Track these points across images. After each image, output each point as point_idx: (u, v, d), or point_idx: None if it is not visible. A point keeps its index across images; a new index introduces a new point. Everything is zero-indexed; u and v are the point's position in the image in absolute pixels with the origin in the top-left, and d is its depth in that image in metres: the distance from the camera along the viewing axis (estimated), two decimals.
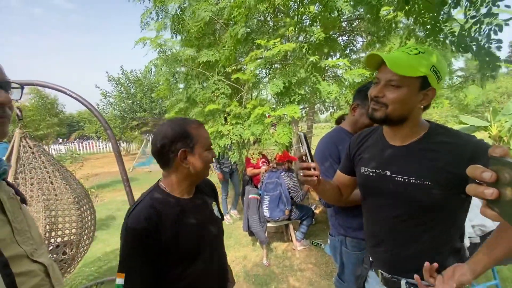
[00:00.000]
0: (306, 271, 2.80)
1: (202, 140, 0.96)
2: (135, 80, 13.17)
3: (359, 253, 1.40)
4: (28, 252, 0.64)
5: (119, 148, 2.22)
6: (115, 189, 6.87)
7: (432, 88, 0.86)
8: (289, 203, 3.09)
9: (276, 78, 2.41)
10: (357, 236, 1.39)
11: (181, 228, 0.93)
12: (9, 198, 0.66)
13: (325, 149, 1.47)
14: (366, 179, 1.00)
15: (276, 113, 2.39)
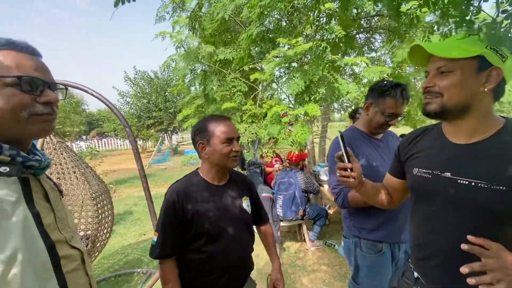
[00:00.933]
0: (319, 272, 2.77)
1: (218, 134, 1.09)
2: (149, 80, 13.47)
3: (374, 256, 1.37)
4: (67, 238, 0.69)
5: (137, 145, 2.28)
6: (132, 185, 7.07)
7: (496, 67, 0.72)
8: (303, 204, 3.07)
9: (297, 77, 2.39)
10: (372, 238, 1.37)
11: (204, 207, 1.09)
12: (51, 188, 0.72)
13: (339, 148, 1.45)
14: (419, 181, 0.88)
15: (294, 111, 2.37)
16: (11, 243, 0.54)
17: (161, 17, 3.21)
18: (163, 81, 13.37)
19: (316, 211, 3.19)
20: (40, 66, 0.63)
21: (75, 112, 13.10)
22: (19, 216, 0.58)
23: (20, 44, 0.61)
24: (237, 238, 1.14)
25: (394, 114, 1.33)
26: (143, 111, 13.12)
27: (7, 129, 0.59)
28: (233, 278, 1.15)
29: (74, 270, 0.68)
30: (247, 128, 2.69)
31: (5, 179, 0.58)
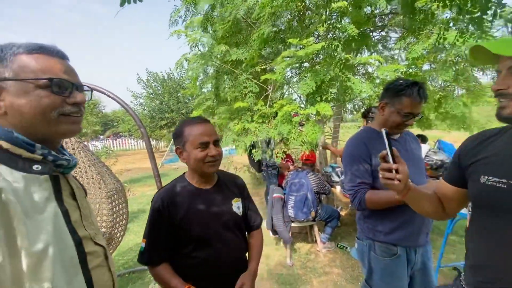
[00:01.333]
0: (330, 274, 2.74)
1: (192, 138, 1.05)
2: (162, 81, 13.72)
3: (388, 259, 1.34)
4: (92, 235, 0.71)
5: (151, 145, 2.33)
6: (145, 184, 7.23)
7: None
8: (315, 205, 3.04)
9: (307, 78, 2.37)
10: (387, 241, 1.34)
11: (191, 212, 1.06)
12: (77, 187, 0.75)
13: (354, 149, 1.42)
14: (488, 192, 0.76)
15: (305, 111, 2.34)
16: (43, 237, 0.57)
17: (174, 21, 3.28)
18: (175, 82, 13.60)
19: (328, 212, 3.15)
20: (69, 69, 0.66)
21: (92, 113, 13.53)
22: (50, 212, 0.61)
23: (50, 48, 0.64)
24: (227, 241, 1.12)
25: (410, 114, 1.29)
26: (156, 112, 13.38)
27: (39, 129, 0.62)
28: (227, 281, 1.11)
29: (98, 266, 0.70)
30: (257, 128, 2.69)
31: (37, 177, 0.61)
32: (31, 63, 0.60)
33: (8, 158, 0.58)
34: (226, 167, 6.86)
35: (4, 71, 0.59)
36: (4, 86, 0.59)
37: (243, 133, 2.81)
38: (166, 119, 13.20)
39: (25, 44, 0.62)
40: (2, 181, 0.54)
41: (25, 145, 0.60)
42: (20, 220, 0.53)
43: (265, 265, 2.94)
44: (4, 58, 0.60)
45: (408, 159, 1.34)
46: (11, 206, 0.53)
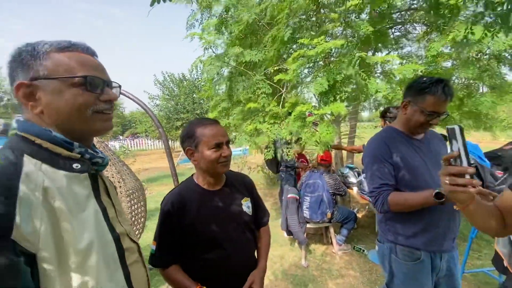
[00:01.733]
0: (347, 277, 2.69)
1: (206, 139, 1.03)
2: (178, 82, 14.00)
3: (411, 263, 1.29)
4: (127, 231, 0.72)
5: (169, 145, 2.39)
6: (162, 183, 7.41)
7: None
8: (331, 206, 3.00)
9: (320, 77, 2.35)
10: (410, 244, 1.29)
11: (200, 214, 1.06)
12: (109, 185, 0.75)
13: (375, 149, 1.37)
14: None
15: (319, 111, 2.32)
16: (87, 235, 0.57)
17: (191, 25, 3.34)
18: (191, 83, 13.85)
19: (344, 214, 3.10)
20: (99, 66, 0.66)
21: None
22: (91, 209, 0.61)
23: (81, 46, 0.64)
24: (238, 242, 1.11)
25: (435, 113, 1.23)
26: (171, 113, 13.68)
27: (74, 126, 0.62)
28: (238, 281, 1.11)
29: (135, 262, 0.71)
30: (269, 129, 2.69)
31: (78, 175, 0.61)
32: (65, 61, 0.60)
33: (49, 157, 0.58)
34: (240, 167, 6.91)
35: (39, 70, 0.58)
36: (39, 85, 0.58)
37: (255, 134, 2.81)
38: (182, 120, 13.46)
39: (56, 42, 0.61)
40: (47, 181, 0.54)
41: (64, 143, 0.60)
42: (66, 218, 0.54)
43: (279, 265, 2.94)
44: (37, 56, 0.58)
45: (433, 161, 1.30)
46: (57, 205, 0.54)
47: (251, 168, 6.61)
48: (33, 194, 0.50)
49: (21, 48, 0.59)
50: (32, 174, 0.52)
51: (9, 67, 0.60)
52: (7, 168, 0.51)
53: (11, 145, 0.56)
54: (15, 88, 0.57)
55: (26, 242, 0.47)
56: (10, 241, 0.45)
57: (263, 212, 1.31)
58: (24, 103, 0.59)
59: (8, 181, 0.49)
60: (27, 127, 0.59)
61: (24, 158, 0.54)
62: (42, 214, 0.50)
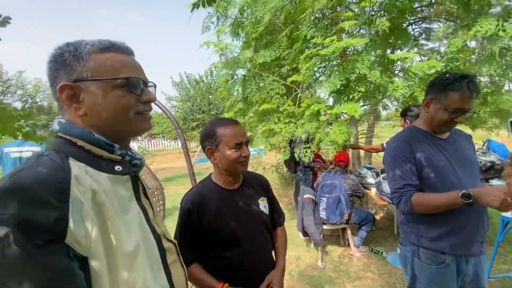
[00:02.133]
0: (365, 279, 2.64)
1: (226, 139, 1.05)
2: (195, 83, 14.26)
3: (434, 267, 1.24)
4: (164, 231, 0.71)
5: (187, 145, 2.45)
6: (178, 183, 7.57)
7: None
8: (349, 207, 2.95)
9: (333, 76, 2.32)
10: (434, 248, 1.24)
11: (220, 213, 1.07)
12: (146, 186, 0.75)
13: (397, 149, 1.33)
14: None
15: (333, 111, 2.29)
16: (133, 237, 0.57)
17: (207, 27, 3.40)
18: (207, 85, 14.08)
19: (362, 215, 3.04)
20: (138, 66, 0.65)
21: None
22: (134, 211, 0.61)
23: (121, 46, 0.62)
24: (256, 241, 1.12)
25: (460, 110, 1.17)
26: (187, 114, 13.96)
27: (117, 128, 0.61)
28: (256, 280, 1.13)
29: (174, 262, 0.70)
30: (284, 128, 2.68)
31: (120, 177, 0.61)
32: (107, 62, 0.58)
33: (92, 159, 0.57)
34: (254, 167, 6.94)
35: (82, 71, 0.56)
36: (83, 86, 0.57)
37: (270, 134, 2.82)
38: (197, 120, 13.69)
39: (97, 41, 0.60)
40: (94, 183, 0.54)
41: (106, 146, 0.59)
42: (113, 221, 0.54)
43: (295, 266, 2.93)
44: (80, 57, 0.57)
45: (458, 161, 1.25)
46: (104, 207, 0.53)
47: (265, 168, 6.62)
48: (83, 197, 0.50)
49: (63, 48, 0.58)
50: (80, 177, 0.52)
51: (49, 67, 0.58)
52: (57, 171, 0.50)
53: (56, 148, 0.56)
54: (58, 89, 0.56)
55: (79, 246, 0.47)
56: (64, 245, 0.45)
57: (279, 212, 1.32)
58: (67, 105, 0.58)
59: (60, 185, 0.48)
60: (69, 128, 0.58)
61: (70, 161, 0.54)
62: (92, 217, 0.50)
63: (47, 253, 0.43)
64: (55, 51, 0.58)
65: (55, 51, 0.58)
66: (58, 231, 0.45)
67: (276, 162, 6.50)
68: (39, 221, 0.43)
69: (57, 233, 0.45)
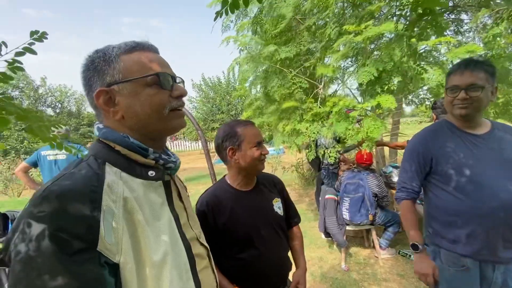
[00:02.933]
0: (392, 282, 2.52)
1: (248, 138, 1.08)
2: (214, 85, 14.51)
3: (453, 270, 1.18)
4: (197, 235, 0.70)
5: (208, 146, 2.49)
6: (199, 182, 7.72)
7: None
8: (373, 207, 2.83)
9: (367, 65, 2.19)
10: (454, 250, 1.17)
11: (235, 215, 1.08)
12: (181, 186, 0.74)
13: (411, 143, 1.31)
14: None
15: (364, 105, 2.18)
16: (162, 245, 0.56)
17: (226, 26, 3.42)
18: (226, 85, 14.29)
19: (388, 216, 2.91)
20: (165, 62, 0.64)
21: None
22: (166, 218, 0.60)
23: (145, 44, 0.62)
24: (270, 241, 1.13)
25: (455, 86, 1.15)
26: (207, 115, 14.23)
27: (153, 127, 0.61)
28: (272, 280, 1.14)
29: (204, 268, 0.68)
30: (308, 128, 2.62)
31: (153, 183, 0.60)
32: (135, 61, 0.59)
33: (127, 164, 0.58)
34: (274, 167, 6.90)
35: (113, 74, 0.57)
36: (117, 89, 0.57)
37: (294, 134, 2.77)
38: (217, 121, 13.92)
39: (123, 44, 0.60)
40: (127, 190, 0.54)
41: (140, 150, 0.59)
42: (143, 229, 0.53)
43: (318, 268, 2.87)
44: (110, 60, 0.57)
45: (493, 160, 1.14)
46: (135, 215, 0.53)
47: (285, 168, 6.57)
48: (114, 205, 0.51)
49: (92, 55, 0.59)
50: (113, 185, 0.53)
51: (84, 76, 0.60)
52: (91, 179, 0.51)
53: (95, 153, 0.58)
54: (95, 96, 0.57)
55: (110, 253, 0.47)
56: (96, 252, 0.46)
57: (294, 212, 1.33)
58: (105, 110, 0.59)
59: (93, 193, 0.49)
60: (106, 133, 0.59)
61: (106, 167, 0.55)
62: (123, 225, 0.51)
63: (79, 261, 0.44)
64: (86, 60, 0.59)
65: (86, 60, 0.59)
66: (90, 239, 0.46)
67: (296, 161, 6.41)
68: (71, 230, 0.44)
69: (89, 241, 0.45)
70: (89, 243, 0.45)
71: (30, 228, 0.43)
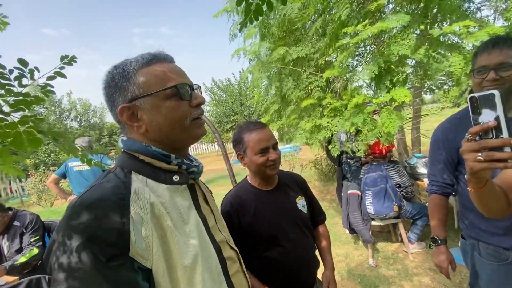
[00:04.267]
0: (425, 277, 2.42)
1: (252, 145, 1.07)
2: (225, 87, 14.65)
3: (496, 264, 1.10)
4: (226, 238, 0.70)
5: (225, 148, 2.51)
6: (218, 184, 7.82)
7: None
8: (398, 198, 2.73)
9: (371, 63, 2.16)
10: (495, 243, 1.10)
11: (259, 214, 1.09)
12: (206, 191, 0.75)
13: (436, 132, 1.25)
14: None
15: (378, 99, 2.13)
16: (192, 249, 0.56)
17: (234, 34, 3.43)
18: (239, 86, 14.40)
19: (415, 208, 2.79)
20: (181, 71, 0.64)
21: None
22: (193, 221, 0.60)
23: (161, 55, 0.62)
24: (296, 240, 1.12)
25: (483, 67, 1.05)
26: (221, 117, 14.40)
27: (176, 138, 0.62)
28: (300, 279, 1.13)
29: (236, 272, 0.68)
30: (330, 122, 2.57)
31: (178, 187, 0.62)
32: (153, 75, 0.59)
33: (152, 172, 0.59)
34: (291, 164, 6.84)
35: (134, 89, 0.58)
36: (139, 104, 0.58)
37: (316, 130, 2.73)
38: (231, 123, 14.05)
39: (139, 57, 0.61)
40: (153, 196, 0.55)
41: (163, 157, 0.60)
42: (172, 232, 0.54)
43: (344, 265, 2.81)
44: (129, 76, 0.58)
45: None
46: (163, 220, 0.54)
47: (302, 165, 6.49)
48: (142, 211, 0.52)
49: (112, 72, 0.60)
50: (140, 191, 0.54)
51: (106, 93, 0.61)
52: (118, 188, 0.53)
53: (121, 163, 0.60)
54: (118, 112, 0.59)
55: (142, 259, 0.48)
56: (129, 258, 0.47)
57: (319, 210, 1.32)
58: (129, 125, 0.60)
59: (121, 201, 0.51)
60: (130, 145, 0.61)
61: (132, 175, 0.57)
62: (152, 230, 0.51)
63: (114, 267, 0.46)
64: (106, 77, 0.61)
65: (107, 77, 0.60)
66: (122, 245, 0.47)
67: (314, 157, 6.32)
68: (104, 237, 0.46)
69: (121, 247, 0.47)
70: (121, 249, 0.47)
71: (67, 239, 0.46)
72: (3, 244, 2.16)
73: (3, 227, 2.13)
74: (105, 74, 0.61)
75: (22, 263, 2.05)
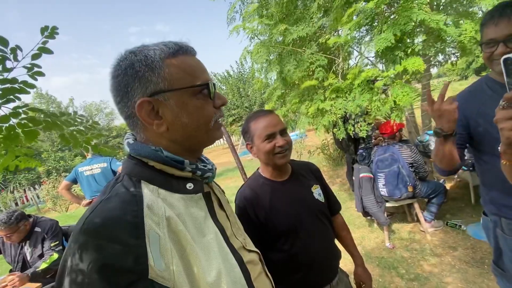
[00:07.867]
0: (444, 256, 2.38)
1: (258, 132, 1.05)
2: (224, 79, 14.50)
3: None
4: (243, 242, 0.65)
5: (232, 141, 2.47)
6: (227, 177, 7.83)
7: None
8: (412, 178, 2.65)
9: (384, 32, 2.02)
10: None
11: (275, 207, 1.06)
12: (220, 192, 0.69)
13: None
14: None
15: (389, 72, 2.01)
16: (214, 263, 0.51)
17: (232, 18, 3.30)
18: (236, 79, 14.22)
19: (430, 187, 2.72)
20: (205, 68, 0.58)
21: None
22: (211, 232, 0.55)
23: (188, 47, 0.55)
24: (315, 230, 1.09)
25: (492, 40, 0.95)
26: (224, 110, 14.39)
27: (197, 139, 0.57)
28: (322, 271, 1.10)
29: (258, 276, 0.64)
30: (333, 105, 2.48)
31: (192, 196, 0.56)
32: (181, 68, 0.52)
33: (164, 180, 0.53)
34: (299, 152, 6.79)
35: (158, 81, 0.50)
36: (162, 100, 0.51)
37: (319, 114, 2.64)
38: (233, 116, 13.99)
39: (163, 46, 0.52)
40: (167, 209, 0.49)
41: (175, 163, 0.54)
42: (191, 248, 0.49)
43: (361, 248, 2.78)
44: (153, 66, 0.50)
45: None
46: (181, 235, 0.48)
47: (310, 151, 6.43)
48: (158, 228, 0.46)
49: (130, 58, 0.51)
50: (153, 205, 0.48)
51: (118, 81, 0.52)
52: (129, 203, 0.46)
53: (128, 171, 0.53)
54: (137, 106, 0.50)
55: (163, 280, 0.43)
56: (149, 281, 0.42)
57: (334, 199, 1.28)
58: (148, 122, 0.52)
59: (134, 219, 0.44)
60: (138, 149, 0.54)
61: (142, 185, 0.50)
62: (170, 247, 0.46)
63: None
64: (121, 62, 0.51)
65: (122, 63, 0.51)
66: (140, 270, 0.41)
67: (321, 143, 6.24)
68: (119, 264, 0.40)
69: (139, 272, 0.41)
70: (140, 274, 0.41)
71: (78, 265, 0.40)
72: (26, 250, 2.22)
73: (25, 234, 2.18)
74: (117, 59, 0.52)
75: (44, 269, 2.10)
